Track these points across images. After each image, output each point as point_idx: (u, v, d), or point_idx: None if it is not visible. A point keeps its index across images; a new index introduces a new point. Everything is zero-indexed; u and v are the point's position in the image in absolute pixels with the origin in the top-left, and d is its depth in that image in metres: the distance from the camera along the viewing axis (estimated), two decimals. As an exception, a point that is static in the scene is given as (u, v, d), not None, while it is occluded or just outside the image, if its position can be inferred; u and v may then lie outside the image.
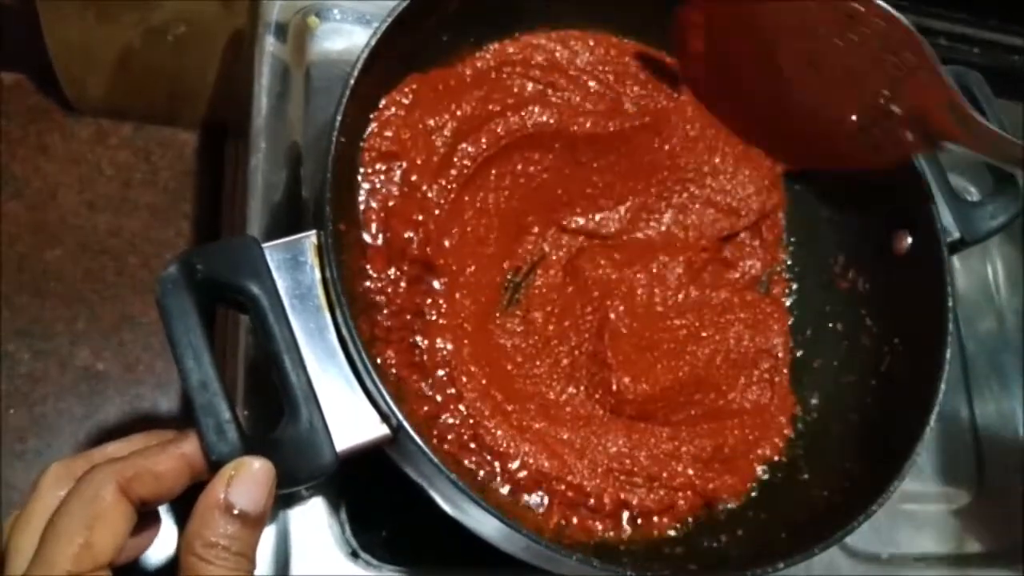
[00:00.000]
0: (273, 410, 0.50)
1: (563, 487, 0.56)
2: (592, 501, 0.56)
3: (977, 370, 0.79)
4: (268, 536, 0.54)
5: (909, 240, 0.62)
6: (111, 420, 0.81)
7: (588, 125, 0.62)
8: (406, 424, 0.45)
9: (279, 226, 0.60)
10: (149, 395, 0.82)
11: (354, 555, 0.55)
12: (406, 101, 0.57)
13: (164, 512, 0.48)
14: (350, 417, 0.47)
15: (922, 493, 0.73)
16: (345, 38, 0.68)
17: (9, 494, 0.77)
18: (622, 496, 0.57)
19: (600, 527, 0.56)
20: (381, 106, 0.56)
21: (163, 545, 0.51)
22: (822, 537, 0.51)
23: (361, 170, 0.55)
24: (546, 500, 0.55)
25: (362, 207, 0.55)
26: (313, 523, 0.55)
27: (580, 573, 0.49)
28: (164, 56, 0.81)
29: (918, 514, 0.72)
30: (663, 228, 0.65)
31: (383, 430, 0.47)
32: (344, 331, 0.47)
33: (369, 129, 0.56)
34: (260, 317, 0.47)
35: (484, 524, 0.48)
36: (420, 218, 0.56)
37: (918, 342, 0.60)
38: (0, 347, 0.80)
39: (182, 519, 0.44)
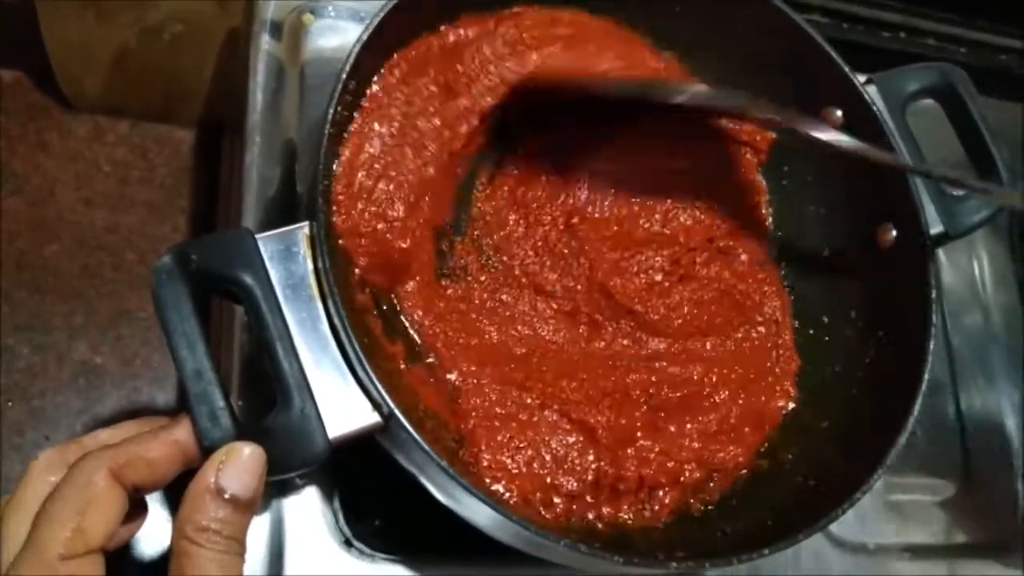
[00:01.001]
0: (267, 403, 0.50)
1: None
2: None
3: (963, 364, 0.79)
4: (262, 525, 0.55)
5: (893, 233, 0.62)
6: (108, 413, 0.82)
7: None
8: (397, 412, 0.46)
9: (273, 221, 0.61)
10: (146, 389, 0.83)
11: (347, 544, 0.56)
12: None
13: (157, 500, 0.49)
14: (342, 405, 0.47)
15: (909, 485, 0.73)
16: (340, 35, 0.68)
17: (7, 487, 0.77)
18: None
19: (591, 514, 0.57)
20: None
21: (157, 534, 0.52)
22: (807, 524, 0.52)
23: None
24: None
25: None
26: (306, 512, 0.56)
27: (569, 559, 0.50)
28: (161, 54, 0.81)
29: (905, 505, 0.72)
30: (655, 229, 0.66)
31: (375, 418, 0.47)
32: (336, 320, 0.47)
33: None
34: (254, 307, 0.47)
35: (475, 511, 0.49)
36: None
37: (903, 334, 0.60)
38: None
39: (175, 506, 0.45)
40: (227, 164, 0.82)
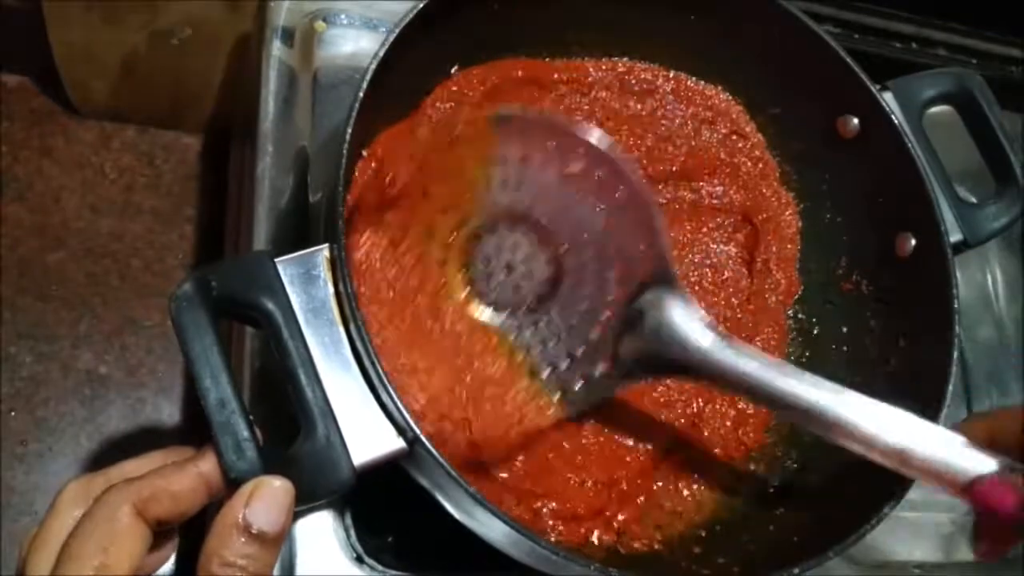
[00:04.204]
0: (280, 420, 0.50)
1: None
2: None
3: (976, 378, 0.79)
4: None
5: (912, 242, 0.62)
6: (113, 424, 0.81)
7: None
8: (423, 437, 0.45)
9: (286, 232, 0.60)
10: (151, 399, 0.82)
11: (359, 560, 0.55)
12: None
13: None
14: (366, 431, 0.47)
15: (922, 501, 0.73)
16: (352, 43, 0.68)
17: (9, 497, 0.77)
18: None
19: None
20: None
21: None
22: (836, 540, 0.51)
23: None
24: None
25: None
26: (318, 528, 0.55)
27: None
28: (169, 59, 0.80)
29: (917, 522, 0.72)
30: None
31: (400, 443, 0.47)
32: (359, 344, 0.47)
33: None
34: (275, 333, 0.47)
35: (496, 531, 0.48)
36: None
37: (923, 343, 0.60)
38: (2, 350, 0.80)
39: (189, 533, 0.44)
40: (235, 171, 0.81)
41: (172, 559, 0.48)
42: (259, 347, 0.58)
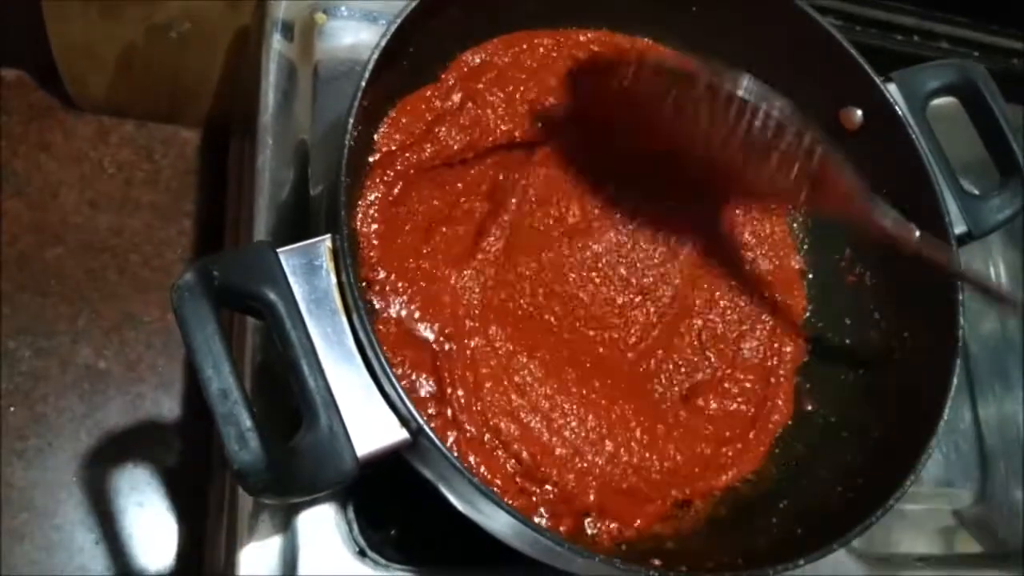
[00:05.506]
0: (282, 415, 0.50)
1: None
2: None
3: (980, 372, 0.79)
4: (276, 535, 0.54)
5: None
6: (112, 419, 0.81)
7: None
8: (427, 427, 0.45)
9: (286, 224, 0.60)
10: (150, 394, 0.82)
11: (361, 554, 0.55)
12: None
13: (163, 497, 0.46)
14: (369, 422, 0.46)
15: (925, 494, 0.73)
16: (352, 35, 0.68)
17: (8, 493, 0.76)
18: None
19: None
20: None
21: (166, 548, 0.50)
22: (839, 532, 0.51)
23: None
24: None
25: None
26: (321, 522, 0.55)
27: (599, 572, 0.49)
28: (168, 54, 0.80)
29: (920, 515, 0.72)
30: None
31: (403, 434, 0.47)
32: (362, 335, 0.47)
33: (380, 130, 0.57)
34: (277, 323, 0.47)
35: (500, 523, 0.48)
36: None
37: (928, 334, 0.60)
38: (1, 345, 0.80)
39: (186, 515, 0.44)
40: (234, 165, 0.81)
41: (172, 558, 0.48)
42: (261, 342, 0.58)
